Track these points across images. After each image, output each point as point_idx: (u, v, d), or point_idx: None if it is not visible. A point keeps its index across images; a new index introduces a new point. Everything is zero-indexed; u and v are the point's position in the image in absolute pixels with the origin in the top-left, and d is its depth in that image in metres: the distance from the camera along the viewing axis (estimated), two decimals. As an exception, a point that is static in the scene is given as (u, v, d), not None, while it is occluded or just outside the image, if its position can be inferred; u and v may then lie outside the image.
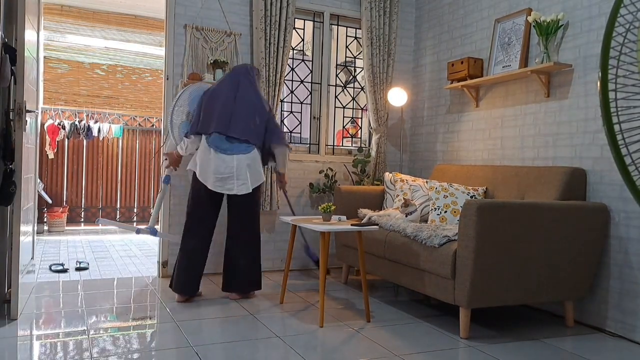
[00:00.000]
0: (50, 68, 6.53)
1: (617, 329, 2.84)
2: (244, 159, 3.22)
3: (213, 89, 3.39)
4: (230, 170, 3.19)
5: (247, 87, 3.36)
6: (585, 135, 3.08)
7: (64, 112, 6.59)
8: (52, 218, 6.35)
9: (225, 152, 3.20)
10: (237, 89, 3.33)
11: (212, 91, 3.37)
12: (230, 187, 3.21)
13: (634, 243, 2.77)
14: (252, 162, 3.26)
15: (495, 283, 2.67)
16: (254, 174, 3.27)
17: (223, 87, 3.36)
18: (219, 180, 3.20)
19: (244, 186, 3.22)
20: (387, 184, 4.05)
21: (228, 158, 3.20)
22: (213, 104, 3.30)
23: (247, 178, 3.22)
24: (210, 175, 3.20)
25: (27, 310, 2.97)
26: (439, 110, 4.43)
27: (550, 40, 3.22)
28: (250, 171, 3.24)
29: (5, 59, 2.70)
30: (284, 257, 4.33)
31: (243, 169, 3.21)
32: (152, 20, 6.92)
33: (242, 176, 3.21)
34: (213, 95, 3.34)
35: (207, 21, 4.02)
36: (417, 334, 2.76)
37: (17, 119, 2.76)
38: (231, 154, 3.21)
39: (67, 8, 6.53)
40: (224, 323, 2.84)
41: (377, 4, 4.43)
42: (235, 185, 3.21)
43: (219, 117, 3.24)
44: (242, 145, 3.24)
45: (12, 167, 2.72)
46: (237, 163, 3.20)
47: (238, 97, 3.30)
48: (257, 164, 3.30)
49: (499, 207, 2.63)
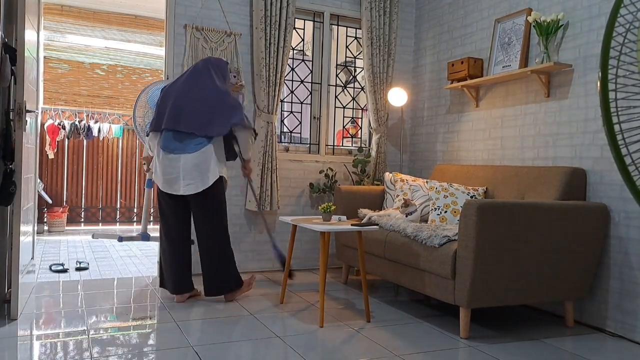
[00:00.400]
0: (51, 68, 6.53)
1: (617, 329, 2.84)
2: (190, 159, 3.08)
3: (168, 86, 3.29)
4: (176, 171, 3.08)
5: (203, 80, 3.21)
6: (585, 135, 3.08)
7: (64, 112, 6.60)
8: (52, 218, 6.35)
9: (172, 152, 3.10)
10: (193, 84, 3.20)
11: (167, 87, 3.28)
12: (177, 188, 3.10)
13: (634, 243, 2.77)
14: (202, 160, 3.10)
15: (495, 283, 2.67)
16: (204, 173, 3.10)
17: (177, 83, 3.25)
18: (166, 181, 3.12)
19: (190, 186, 3.09)
20: (387, 184, 4.05)
21: (174, 158, 3.09)
22: (166, 100, 3.20)
23: (195, 177, 3.08)
24: (160, 176, 3.14)
25: (27, 310, 2.97)
26: (439, 110, 4.43)
27: (550, 40, 3.22)
28: (199, 170, 3.08)
29: (5, 59, 2.70)
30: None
31: (189, 168, 3.07)
32: (152, 20, 6.92)
33: (189, 176, 3.08)
34: (167, 91, 3.25)
35: (207, 21, 4.02)
36: (417, 334, 2.76)
37: (17, 119, 2.76)
38: (178, 153, 3.09)
39: (67, 8, 6.54)
40: (224, 323, 2.84)
41: (377, 4, 4.43)
42: (181, 186, 3.09)
43: (169, 113, 3.14)
44: (192, 143, 3.10)
45: (12, 167, 2.72)
46: (183, 163, 3.08)
47: (191, 91, 3.17)
48: (209, 162, 3.12)
49: (499, 207, 2.63)
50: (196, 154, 3.09)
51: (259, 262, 4.24)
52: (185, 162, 3.08)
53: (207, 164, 3.12)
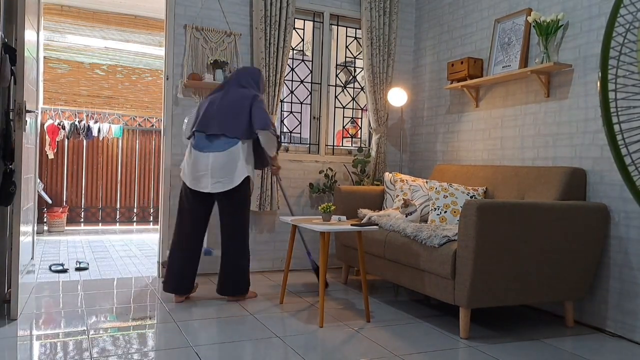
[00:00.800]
0: (50, 68, 6.53)
1: (617, 329, 2.84)
2: (220, 157, 3.14)
3: (206, 98, 3.41)
4: (205, 168, 3.14)
5: (234, 89, 3.32)
6: (585, 135, 3.08)
7: (63, 112, 6.59)
8: (52, 218, 6.35)
9: (202, 150, 3.17)
10: (225, 93, 3.32)
11: (205, 100, 3.40)
12: (205, 186, 3.15)
13: (634, 243, 2.77)
14: (230, 159, 3.15)
15: (495, 283, 2.67)
16: (231, 172, 3.14)
17: (214, 94, 3.38)
18: (195, 178, 3.17)
19: (218, 184, 3.14)
20: (387, 184, 4.05)
21: (204, 155, 3.16)
22: (201, 108, 3.34)
23: (223, 176, 3.14)
24: (189, 174, 3.20)
25: (27, 310, 2.97)
26: (439, 110, 4.43)
27: (550, 40, 3.22)
28: (227, 169, 3.14)
29: (5, 59, 2.70)
30: (284, 257, 4.33)
31: (218, 166, 3.13)
32: (152, 20, 6.92)
33: (217, 174, 3.13)
34: (203, 102, 3.37)
35: (207, 21, 4.02)
36: (417, 334, 2.76)
37: (17, 119, 2.76)
38: (207, 151, 3.16)
39: (67, 8, 6.53)
40: (224, 323, 2.84)
41: (377, 4, 4.43)
42: (209, 184, 3.14)
43: (202, 117, 3.25)
44: (222, 142, 3.17)
45: (12, 167, 2.72)
46: (213, 160, 3.14)
47: (223, 99, 3.28)
48: (237, 162, 3.16)
49: (499, 207, 2.63)
50: (225, 153, 3.15)
51: (260, 262, 4.24)
52: (215, 160, 3.14)
53: (235, 163, 3.17)
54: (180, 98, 3.94)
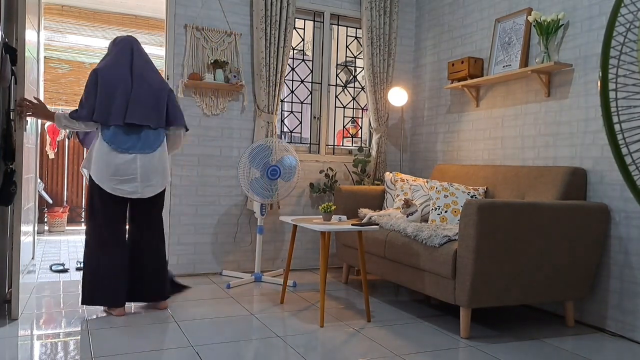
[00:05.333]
0: (51, 68, 6.53)
1: (617, 328, 2.83)
2: (150, 159, 2.89)
3: (103, 70, 2.90)
4: (131, 172, 2.83)
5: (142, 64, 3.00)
6: (585, 135, 3.07)
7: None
8: (53, 218, 6.35)
9: (126, 151, 2.83)
10: (132, 66, 2.95)
11: (103, 73, 2.88)
12: (133, 191, 2.84)
13: (634, 243, 2.77)
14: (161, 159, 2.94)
15: (495, 283, 2.67)
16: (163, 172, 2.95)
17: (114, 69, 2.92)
18: (120, 182, 2.82)
19: (149, 188, 2.90)
20: (388, 184, 4.05)
21: (128, 158, 2.83)
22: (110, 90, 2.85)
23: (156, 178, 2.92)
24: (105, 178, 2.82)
25: (27, 310, 2.97)
26: (439, 110, 4.43)
27: (551, 39, 3.22)
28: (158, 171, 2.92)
29: (6, 59, 2.70)
30: (284, 257, 4.33)
31: (149, 170, 2.88)
32: (152, 20, 6.92)
33: (147, 177, 2.88)
34: (107, 79, 2.87)
35: (207, 21, 4.02)
36: (418, 334, 2.76)
37: (18, 119, 2.76)
38: (133, 152, 2.84)
39: (67, 8, 6.53)
40: (224, 323, 2.84)
41: (377, 4, 4.43)
42: (139, 188, 2.86)
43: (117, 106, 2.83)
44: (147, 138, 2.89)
45: (12, 167, 2.72)
46: (142, 164, 2.86)
47: (135, 77, 2.92)
48: (165, 162, 2.98)
49: (499, 207, 2.63)
50: (156, 153, 2.91)
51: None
52: (144, 163, 2.86)
53: (165, 164, 2.98)
54: (181, 98, 3.94)
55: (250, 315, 2.99)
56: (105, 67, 2.92)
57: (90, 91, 2.86)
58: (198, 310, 3.06)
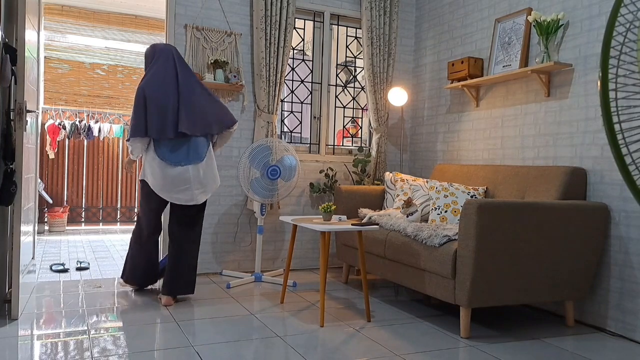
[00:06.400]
0: (51, 68, 6.53)
1: (617, 328, 2.84)
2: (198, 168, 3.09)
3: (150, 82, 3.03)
4: (185, 182, 3.05)
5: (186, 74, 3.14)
6: (585, 135, 3.08)
7: (64, 112, 6.59)
8: (53, 218, 6.35)
9: (178, 164, 3.03)
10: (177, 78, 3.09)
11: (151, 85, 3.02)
12: (189, 198, 3.09)
13: (634, 243, 2.77)
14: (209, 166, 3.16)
15: (495, 283, 2.67)
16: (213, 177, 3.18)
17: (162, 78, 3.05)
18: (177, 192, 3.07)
19: (202, 194, 3.15)
20: (388, 184, 4.05)
21: (181, 170, 3.04)
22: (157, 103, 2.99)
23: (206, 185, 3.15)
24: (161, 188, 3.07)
25: (27, 310, 2.98)
26: (439, 110, 4.43)
27: (551, 39, 3.22)
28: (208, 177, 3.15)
29: (6, 59, 2.70)
30: (284, 257, 4.33)
31: (200, 177, 3.10)
32: (152, 20, 6.92)
33: (201, 184, 3.11)
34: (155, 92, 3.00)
35: (207, 21, 4.02)
36: (418, 334, 2.76)
37: (18, 119, 2.76)
38: (185, 164, 3.04)
39: (67, 8, 6.54)
40: (224, 323, 2.84)
41: (377, 4, 4.43)
42: (194, 195, 3.10)
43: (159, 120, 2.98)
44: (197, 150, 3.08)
45: (12, 167, 2.72)
46: (194, 174, 3.07)
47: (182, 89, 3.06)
48: (213, 166, 3.20)
49: (499, 206, 2.63)
50: (205, 162, 3.13)
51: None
52: (196, 172, 3.08)
53: (214, 169, 3.20)
54: (181, 98, 3.94)
55: (250, 315, 2.99)
56: (152, 81, 3.06)
57: (139, 108, 3.02)
58: (198, 310, 3.06)
